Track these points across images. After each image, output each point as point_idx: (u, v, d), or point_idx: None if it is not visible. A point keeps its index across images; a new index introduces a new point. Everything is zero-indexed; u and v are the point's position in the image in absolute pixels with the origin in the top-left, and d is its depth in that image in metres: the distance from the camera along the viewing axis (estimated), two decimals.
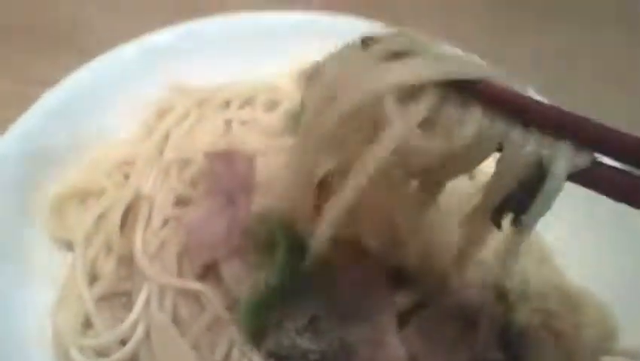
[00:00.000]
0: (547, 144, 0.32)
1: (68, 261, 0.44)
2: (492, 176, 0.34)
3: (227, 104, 0.54)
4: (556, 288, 0.49)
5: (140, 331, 0.40)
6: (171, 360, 0.39)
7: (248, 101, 0.55)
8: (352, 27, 0.56)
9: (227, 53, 0.56)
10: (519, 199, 0.33)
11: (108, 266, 0.43)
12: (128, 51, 0.54)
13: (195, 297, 0.41)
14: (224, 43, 0.57)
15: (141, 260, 0.41)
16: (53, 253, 0.44)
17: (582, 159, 0.32)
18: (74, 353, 0.40)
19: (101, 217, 0.44)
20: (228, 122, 0.52)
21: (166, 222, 0.44)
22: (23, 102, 0.48)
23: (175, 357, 0.39)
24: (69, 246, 0.44)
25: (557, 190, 0.32)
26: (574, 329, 0.47)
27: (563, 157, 0.32)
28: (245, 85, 0.55)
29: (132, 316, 0.40)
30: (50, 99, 0.48)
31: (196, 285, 0.40)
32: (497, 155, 0.33)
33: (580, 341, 0.46)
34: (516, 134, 0.32)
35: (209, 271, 0.41)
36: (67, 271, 0.43)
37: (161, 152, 0.49)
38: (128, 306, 0.41)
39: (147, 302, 0.40)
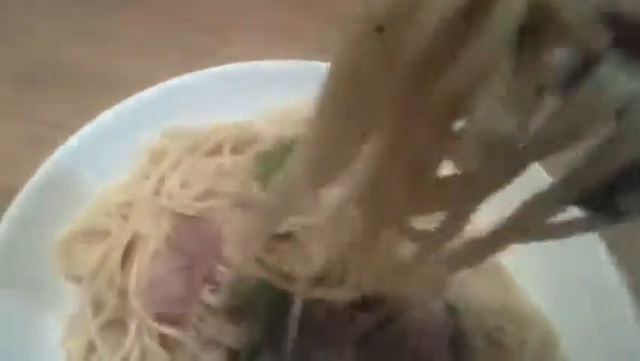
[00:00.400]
0: None
1: (75, 294, 0.51)
2: (597, 147, 0.25)
3: (218, 148, 0.60)
4: (502, 303, 0.54)
5: (136, 354, 0.47)
6: None
7: (237, 145, 0.61)
8: None
9: (217, 101, 0.63)
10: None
11: (110, 298, 0.50)
12: (130, 102, 0.61)
13: None
14: (215, 93, 0.63)
15: (131, 296, 0.48)
16: (63, 287, 0.51)
17: None
18: None
19: (104, 255, 0.51)
20: (220, 167, 0.58)
21: (159, 258, 0.51)
22: (34, 143, 0.57)
23: None
24: (77, 280, 0.51)
25: None
26: (517, 343, 0.52)
27: None
28: (234, 129, 0.62)
29: (128, 342, 0.47)
30: (63, 151, 0.55)
31: (169, 330, 0.47)
32: None
33: (522, 353, 0.51)
34: None
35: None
36: (75, 302, 0.50)
37: (157, 194, 0.55)
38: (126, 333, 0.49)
39: (139, 331, 0.47)
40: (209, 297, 0.47)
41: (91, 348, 0.49)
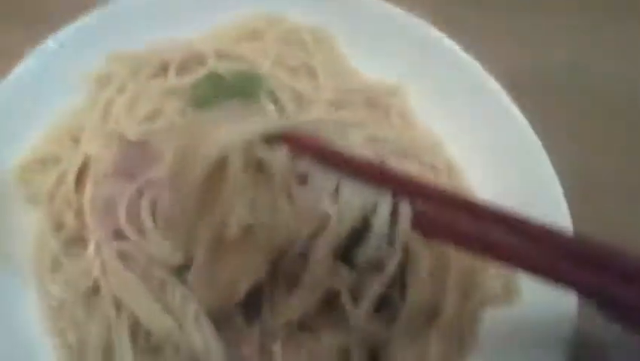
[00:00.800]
0: (370, 193, 0.40)
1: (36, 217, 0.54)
2: (330, 224, 0.41)
3: (163, 69, 0.62)
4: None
5: (97, 266, 0.51)
6: (123, 286, 0.51)
7: (182, 65, 0.62)
8: None
9: (161, 21, 0.64)
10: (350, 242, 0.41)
11: (68, 217, 0.54)
12: (72, 28, 0.62)
13: None
14: (158, 13, 0.65)
15: (87, 216, 0.52)
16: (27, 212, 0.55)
17: (404, 209, 0.40)
18: (50, 287, 0.52)
19: (59, 178, 0.55)
20: (165, 88, 0.60)
21: (109, 180, 0.54)
22: None
23: (127, 284, 0.51)
24: (36, 204, 0.55)
25: (380, 236, 0.40)
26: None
27: (383, 207, 0.40)
28: (178, 49, 0.63)
29: (88, 257, 0.52)
30: (8, 82, 0.57)
31: (125, 246, 0.51)
32: None
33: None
34: (347, 183, 0.40)
35: None
36: (38, 225, 0.54)
37: (105, 118, 0.58)
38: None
39: (97, 247, 0.52)
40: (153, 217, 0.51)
41: (56, 264, 0.53)
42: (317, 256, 0.43)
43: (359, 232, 0.41)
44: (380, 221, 0.40)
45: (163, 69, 0.62)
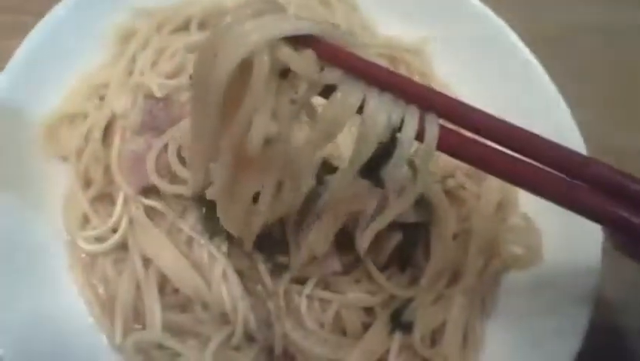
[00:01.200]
0: (397, 107, 0.37)
1: (64, 174, 0.55)
2: (356, 139, 0.38)
3: (185, 25, 0.61)
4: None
5: (124, 222, 0.52)
6: (150, 242, 0.52)
7: (204, 21, 0.62)
8: None
9: None
10: (378, 159, 0.39)
11: (97, 174, 0.54)
12: None
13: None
14: None
15: (115, 170, 0.53)
16: (56, 169, 0.55)
17: (431, 125, 0.37)
18: (80, 242, 0.53)
19: (87, 135, 0.55)
20: (188, 46, 0.58)
21: (134, 137, 0.54)
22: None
23: (154, 240, 0.52)
24: (64, 160, 0.55)
25: (406, 152, 0.37)
26: (474, 198, 0.57)
27: (411, 121, 0.37)
28: (199, 4, 0.62)
29: (117, 212, 0.53)
30: (33, 37, 0.56)
31: (152, 203, 0.52)
32: None
33: (478, 207, 0.56)
34: (374, 95, 0.37)
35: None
36: (67, 181, 0.55)
37: (130, 73, 0.58)
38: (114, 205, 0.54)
39: (125, 203, 0.52)
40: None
41: (85, 220, 0.54)
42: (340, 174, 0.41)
43: (387, 148, 0.38)
44: (406, 137, 0.37)
45: (186, 24, 0.62)
